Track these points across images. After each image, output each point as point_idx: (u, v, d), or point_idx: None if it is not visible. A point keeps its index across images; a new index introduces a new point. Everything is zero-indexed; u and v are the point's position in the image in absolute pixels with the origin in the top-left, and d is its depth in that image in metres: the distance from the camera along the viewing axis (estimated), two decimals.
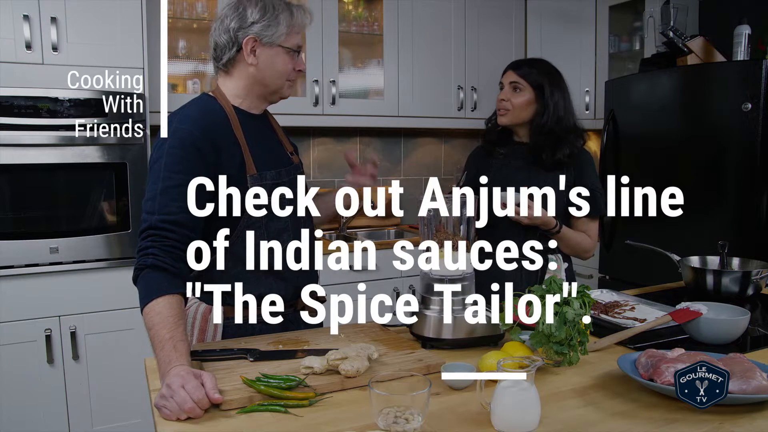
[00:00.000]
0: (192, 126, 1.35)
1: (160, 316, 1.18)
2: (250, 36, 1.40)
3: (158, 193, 1.30)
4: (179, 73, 3.08)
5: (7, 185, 2.38)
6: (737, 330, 1.40)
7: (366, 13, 3.44)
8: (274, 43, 1.42)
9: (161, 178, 1.31)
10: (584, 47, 3.64)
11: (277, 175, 1.47)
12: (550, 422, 1.01)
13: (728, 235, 2.37)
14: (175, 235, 1.28)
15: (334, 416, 1.04)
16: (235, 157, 1.40)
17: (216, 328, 1.44)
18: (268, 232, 1.44)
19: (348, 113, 3.30)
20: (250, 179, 1.41)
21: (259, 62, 1.43)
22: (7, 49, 2.38)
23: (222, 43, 1.43)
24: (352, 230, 3.58)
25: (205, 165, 1.34)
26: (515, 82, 1.91)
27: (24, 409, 2.44)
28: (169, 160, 1.32)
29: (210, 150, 1.36)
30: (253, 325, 1.47)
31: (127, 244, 2.57)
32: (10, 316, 2.41)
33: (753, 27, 2.82)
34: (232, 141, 1.41)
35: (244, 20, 1.41)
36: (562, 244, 1.90)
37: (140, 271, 1.26)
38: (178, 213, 1.29)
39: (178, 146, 1.33)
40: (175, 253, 1.27)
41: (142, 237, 1.29)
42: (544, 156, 1.89)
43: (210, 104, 1.44)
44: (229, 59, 1.44)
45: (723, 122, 2.63)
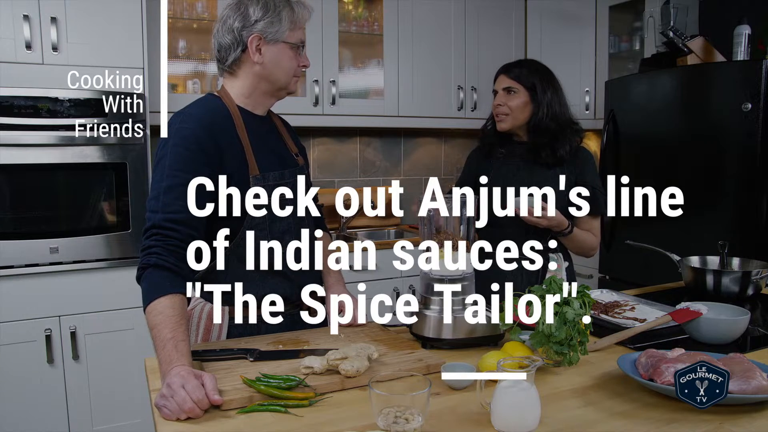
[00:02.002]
0: (196, 125, 1.35)
1: (162, 315, 1.18)
2: (254, 34, 1.40)
3: (162, 192, 1.30)
4: (179, 73, 3.07)
5: (7, 185, 2.38)
6: (737, 330, 1.40)
7: (366, 13, 3.44)
8: (278, 39, 1.42)
9: (165, 177, 1.31)
10: (584, 47, 3.64)
11: (280, 176, 1.47)
12: (550, 422, 1.01)
13: (728, 235, 2.37)
14: (178, 234, 1.28)
15: (334, 416, 1.04)
16: (237, 158, 1.40)
17: (221, 327, 1.45)
18: (271, 233, 1.44)
19: (348, 113, 3.30)
20: (253, 180, 1.41)
21: (265, 60, 1.43)
22: (7, 49, 2.38)
23: (226, 44, 1.43)
24: (352, 230, 3.59)
25: (209, 164, 1.34)
26: (508, 86, 1.91)
27: (24, 409, 2.44)
28: (172, 159, 1.32)
29: (213, 149, 1.36)
30: (258, 325, 1.47)
31: (127, 244, 2.57)
32: (10, 316, 2.41)
33: (753, 27, 2.82)
34: (235, 141, 1.41)
35: (248, 19, 1.40)
36: (571, 244, 1.90)
37: (143, 270, 1.26)
38: (181, 212, 1.29)
39: (182, 145, 1.33)
40: (178, 252, 1.27)
41: (146, 236, 1.29)
42: (544, 154, 1.89)
43: (214, 104, 1.44)
44: (234, 60, 1.43)
45: (723, 122, 2.63)
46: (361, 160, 3.76)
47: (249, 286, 1.45)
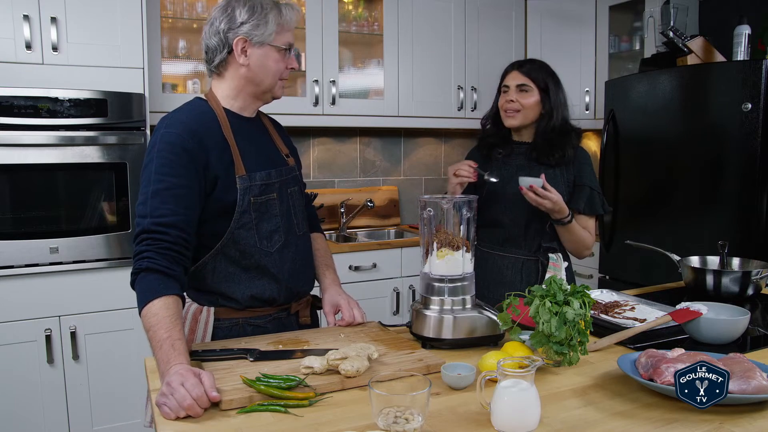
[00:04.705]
0: (181, 129, 1.36)
1: (156, 317, 1.19)
2: (240, 36, 1.41)
3: (149, 196, 1.31)
4: (179, 73, 3.08)
5: (7, 185, 2.38)
6: (737, 330, 1.40)
7: (366, 13, 3.44)
8: (264, 42, 1.42)
9: (152, 182, 1.32)
10: (584, 47, 3.64)
11: (267, 176, 1.46)
12: (550, 422, 1.01)
13: (728, 235, 2.37)
14: (168, 237, 1.29)
15: (334, 416, 1.04)
16: (224, 158, 1.40)
17: (206, 327, 1.44)
18: (258, 233, 1.44)
19: (348, 113, 3.30)
20: (240, 180, 1.41)
21: (251, 62, 1.43)
22: (7, 49, 2.38)
23: (213, 46, 1.44)
24: (352, 230, 3.59)
25: (195, 167, 1.35)
26: (522, 83, 1.90)
27: (24, 409, 2.44)
28: (159, 163, 1.33)
29: (199, 151, 1.36)
30: (245, 326, 1.47)
31: (127, 244, 2.57)
32: (10, 316, 2.41)
33: (753, 27, 2.82)
34: (221, 142, 1.41)
35: (234, 21, 1.41)
36: (568, 237, 1.89)
37: (136, 275, 1.27)
38: (169, 215, 1.30)
39: (167, 149, 1.34)
40: (169, 255, 1.28)
41: (137, 241, 1.30)
42: (550, 155, 1.89)
43: (200, 107, 1.45)
44: (220, 61, 1.45)
45: (723, 122, 2.64)
46: (361, 160, 3.76)
47: (237, 286, 1.45)
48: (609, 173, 3.13)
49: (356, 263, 3.03)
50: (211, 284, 1.44)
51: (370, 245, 3.15)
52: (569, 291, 1.23)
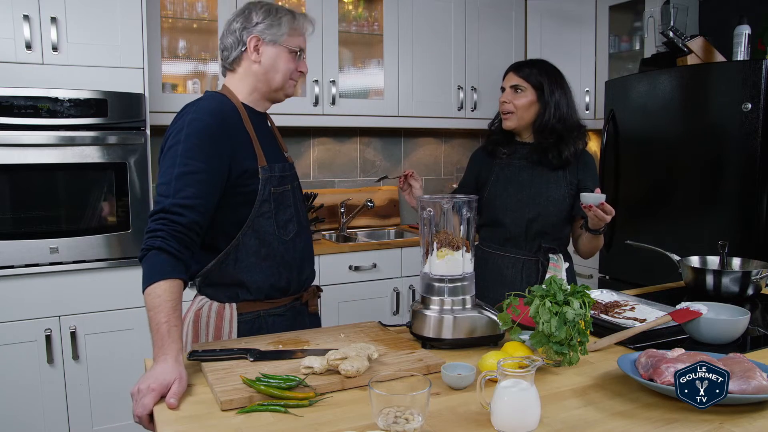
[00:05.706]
0: (209, 117, 1.41)
1: (159, 299, 1.23)
2: (253, 35, 1.50)
3: (174, 177, 1.34)
4: (179, 73, 3.08)
5: (7, 185, 2.38)
6: (737, 330, 1.40)
7: (366, 13, 3.44)
8: (276, 42, 1.51)
9: (177, 164, 1.35)
10: (584, 47, 3.64)
11: (282, 168, 1.54)
12: (550, 422, 1.01)
13: (728, 235, 2.37)
14: (185, 219, 1.31)
15: (334, 416, 1.04)
16: (247, 150, 1.47)
17: (231, 322, 1.49)
18: (276, 223, 1.50)
19: (348, 113, 3.30)
20: (261, 170, 1.48)
21: (263, 60, 1.51)
22: (7, 49, 2.38)
23: (229, 44, 1.53)
24: (352, 230, 3.59)
25: (219, 155, 1.40)
26: (516, 84, 1.91)
27: (24, 409, 2.44)
28: (186, 147, 1.36)
29: (225, 141, 1.42)
30: (265, 317, 1.53)
31: (127, 244, 2.57)
32: (10, 316, 2.41)
33: (753, 27, 2.82)
34: (243, 134, 1.48)
35: (249, 21, 1.51)
36: (595, 243, 1.89)
37: (146, 251, 1.29)
38: (191, 198, 1.33)
39: (195, 135, 1.38)
40: (182, 238, 1.31)
41: (152, 219, 1.32)
42: (550, 155, 1.89)
43: (221, 99, 1.51)
44: (235, 57, 1.53)
45: (723, 122, 2.63)
46: (361, 160, 3.76)
47: (258, 275, 1.50)
48: (609, 173, 3.13)
49: (356, 263, 3.03)
50: (234, 274, 1.48)
51: (370, 245, 3.15)
52: (569, 291, 1.23)
